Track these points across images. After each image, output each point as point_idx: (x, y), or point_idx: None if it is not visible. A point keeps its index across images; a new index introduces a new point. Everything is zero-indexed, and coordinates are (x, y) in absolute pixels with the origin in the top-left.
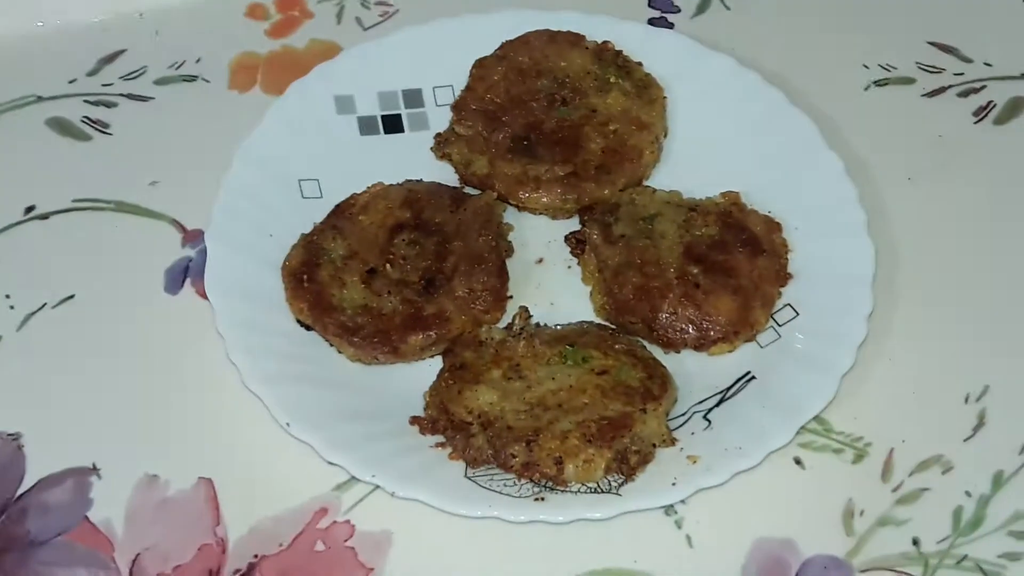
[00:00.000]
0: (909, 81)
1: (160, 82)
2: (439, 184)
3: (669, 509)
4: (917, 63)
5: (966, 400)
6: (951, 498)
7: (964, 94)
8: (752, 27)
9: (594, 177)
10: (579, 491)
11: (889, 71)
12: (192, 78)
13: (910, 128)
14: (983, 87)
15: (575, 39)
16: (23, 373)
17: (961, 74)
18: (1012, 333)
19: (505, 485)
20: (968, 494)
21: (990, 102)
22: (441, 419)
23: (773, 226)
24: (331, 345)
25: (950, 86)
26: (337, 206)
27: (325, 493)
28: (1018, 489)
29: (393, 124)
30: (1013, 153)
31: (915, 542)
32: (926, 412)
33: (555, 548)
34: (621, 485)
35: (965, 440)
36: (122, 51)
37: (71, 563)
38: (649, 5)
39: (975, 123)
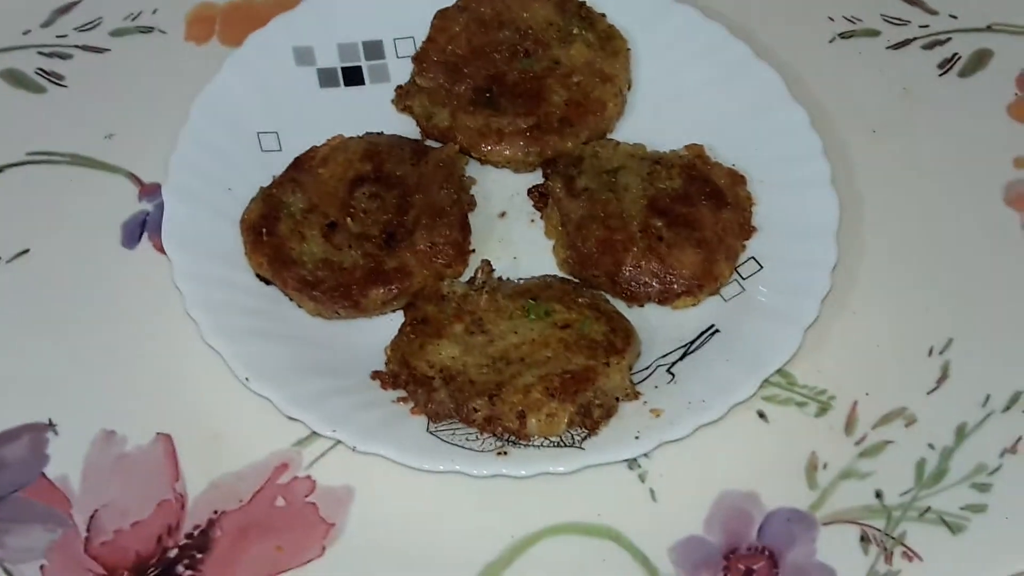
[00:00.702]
0: (874, 33)
1: (116, 33)
2: (400, 137)
3: (632, 463)
4: (882, 15)
5: (929, 353)
6: (914, 451)
7: (929, 46)
8: None
9: (557, 130)
10: (542, 445)
11: (854, 23)
12: (148, 29)
13: (875, 80)
14: (948, 39)
15: None
16: None
17: (926, 26)
18: (975, 286)
19: (467, 439)
20: (931, 447)
21: (955, 54)
22: (403, 374)
23: (737, 179)
24: (291, 299)
25: (915, 38)
26: (296, 159)
27: (285, 449)
28: (980, 442)
29: (353, 76)
30: (978, 105)
31: (878, 495)
32: (890, 365)
33: (518, 502)
34: (584, 439)
35: (928, 393)
36: (77, 2)
37: (28, 520)
38: None
39: (940, 75)
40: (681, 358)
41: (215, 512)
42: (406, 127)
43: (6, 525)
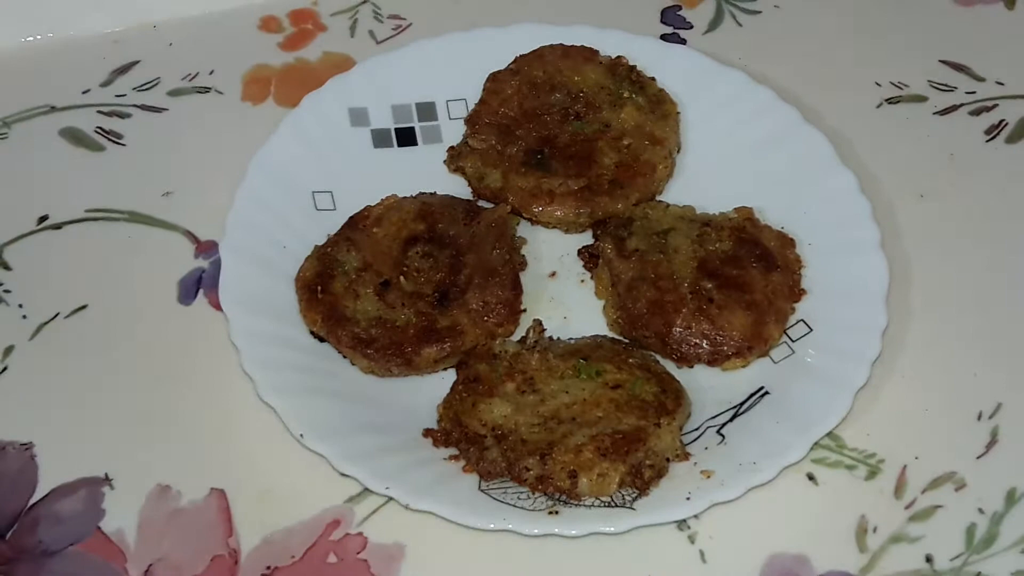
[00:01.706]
0: (921, 99)
1: (173, 93)
2: (452, 197)
3: (682, 524)
4: (929, 81)
5: (979, 417)
6: (964, 515)
7: (976, 112)
8: (764, 44)
9: (608, 191)
10: (593, 505)
11: (901, 89)
12: (205, 90)
13: (922, 146)
14: (995, 106)
15: (589, 54)
16: (36, 383)
17: (973, 92)
18: None
19: (519, 498)
20: (981, 511)
21: (1002, 120)
22: (455, 432)
23: (787, 241)
24: (345, 357)
25: (962, 104)
26: (351, 218)
27: (338, 505)
28: None
29: (407, 137)
30: None
31: (928, 559)
32: (939, 429)
33: (568, 561)
34: (635, 499)
35: (978, 457)
36: (135, 62)
37: (83, 573)
38: (661, 21)
39: (987, 141)
40: (731, 419)
41: (268, 568)
42: (458, 187)
43: None
